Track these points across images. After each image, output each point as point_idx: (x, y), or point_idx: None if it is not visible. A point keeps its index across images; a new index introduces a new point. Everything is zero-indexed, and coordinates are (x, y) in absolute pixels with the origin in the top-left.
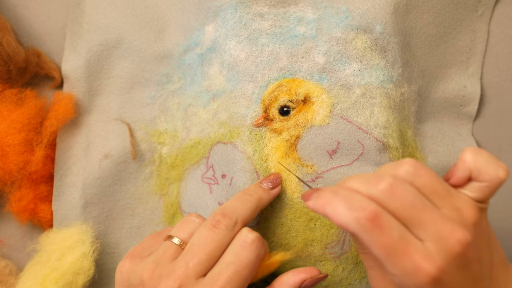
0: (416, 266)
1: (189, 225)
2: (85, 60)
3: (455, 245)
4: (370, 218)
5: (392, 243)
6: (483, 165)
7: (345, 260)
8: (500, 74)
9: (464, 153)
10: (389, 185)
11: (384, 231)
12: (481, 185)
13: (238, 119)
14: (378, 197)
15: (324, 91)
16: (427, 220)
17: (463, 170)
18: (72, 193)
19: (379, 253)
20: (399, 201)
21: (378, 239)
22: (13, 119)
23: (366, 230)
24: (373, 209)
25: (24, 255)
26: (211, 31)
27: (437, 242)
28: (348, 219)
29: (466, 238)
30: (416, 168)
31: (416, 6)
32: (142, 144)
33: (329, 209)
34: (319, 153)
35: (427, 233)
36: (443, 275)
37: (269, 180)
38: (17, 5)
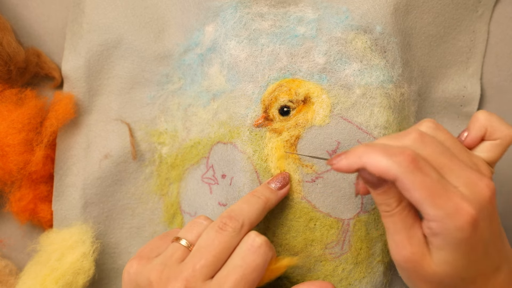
0: (457, 207)
1: (197, 227)
2: (85, 60)
3: (485, 190)
4: (411, 161)
5: (433, 184)
6: (497, 122)
7: (345, 260)
8: (500, 74)
9: (477, 114)
10: (418, 135)
11: (425, 173)
12: (494, 143)
13: (238, 119)
14: (410, 145)
15: (324, 91)
16: (456, 167)
17: (478, 128)
18: (72, 193)
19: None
20: (430, 149)
21: (421, 181)
22: (13, 119)
23: (409, 172)
24: (412, 152)
25: (24, 255)
26: (211, 31)
27: (470, 187)
28: (389, 164)
29: (493, 185)
30: (437, 125)
31: (416, 6)
32: (142, 144)
33: (367, 159)
34: (319, 153)
35: (459, 179)
36: (480, 217)
37: (277, 179)
38: (17, 5)
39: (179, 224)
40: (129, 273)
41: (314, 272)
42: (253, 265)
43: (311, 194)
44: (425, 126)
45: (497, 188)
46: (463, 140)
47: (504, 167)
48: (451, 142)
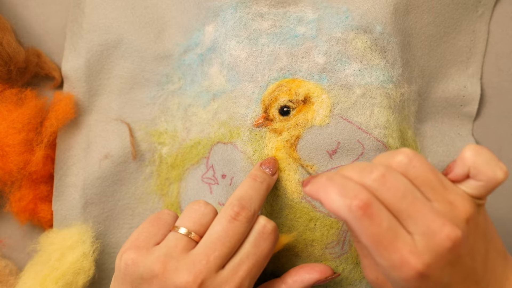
0: (402, 260)
1: (197, 215)
2: (85, 60)
3: (444, 241)
4: (361, 206)
5: (380, 233)
6: (482, 165)
7: (345, 261)
8: (500, 74)
9: (464, 150)
10: (381, 175)
11: (374, 221)
12: (478, 183)
13: (238, 119)
14: (370, 185)
15: (324, 91)
16: (417, 213)
17: (462, 167)
18: (72, 193)
19: (368, 242)
20: (390, 192)
21: (367, 228)
22: (13, 119)
23: (356, 218)
24: (365, 197)
25: (24, 255)
26: (211, 31)
27: (426, 237)
28: (340, 205)
29: (456, 234)
30: (410, 159)
31: (416, 6)
32: (142, 144)
33: (322, 194)
34: (319, 153)
35: (417, 226)
36: (430, 271)
37: (269, 164)
38: (17, 5)
39: None
40: (127, 264)
41: None
42: (265, 251)
43: None
44: (397, 161)
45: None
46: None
47: None
48: (424, 179)
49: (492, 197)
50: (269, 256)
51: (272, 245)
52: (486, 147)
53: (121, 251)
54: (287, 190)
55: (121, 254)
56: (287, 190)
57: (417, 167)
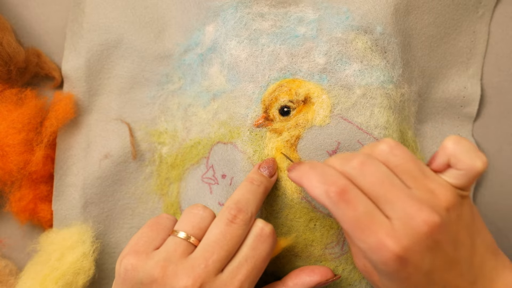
0: (379, 243)
1: (196, 219)
2: (85, 60)
3: (420, 225)
4: (338, 192)
5: (357, 217)
6: (462, 154)
7: (345, 261)
8: (500, 74)
9: (445, 140)
10: (360, 162)
11: (350, 205)
12: (458, 172)
13: (238, 119)
14: (349, 173)
15: (324, 92)
16: (394, 198)
17: (442, 156)
18: (72, 193)
19: (346, 227)
20: (368, 178)
21: (344, 213)
22: (13, 119)
23: (334, 203)
24: (343, 184)
25: (24, 255)
26: (212, 31)
27: (403, 221)
28: (319, 192)
29: (434, 219)
30: (392, 147)
31: (416, 7)
32: (142, 144)
33: (305, 181)
34: (320, 153)
35: (394, 211)
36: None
37: (267, 165)
38: (17, 5)
39: None
40: (127, 269)
41: None
42: (263, 254)
43: None
44: (378, 149)
45: (497, 188)
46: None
47: (504, 167)
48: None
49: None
50: (268, 259)
51: (270, 248)
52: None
53: (121, 256)
54: (287, 190)
55: (121, 259)
56: (287, 190)
57: (398, 156)
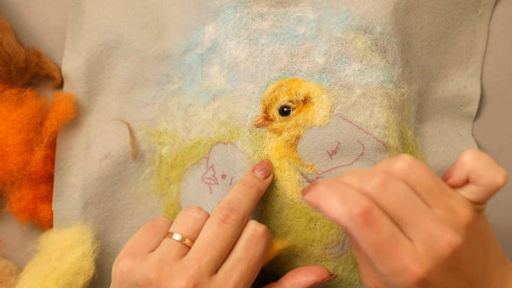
0: (403, 267)
1: (190, 220)
2: (85, 60)
3: (444, 248)
4: (362, 214)
5: (381, 241)
6: (481, 169)
7: (345, 261)
8: (500, 74)
9: (463, 155)
10: (381, 181)
11: (374, 228)
12: (478, 188)
13: (238, 119)
14: (370, 192)
15: (324, 91)
16: (417, 220)
17: (461, 172)
18: (72, 193)
19: (368, 250)
20: (391, 198)
21: (368, 236)
22: (13, 119)
23: (357, 225)
24: (366, 204)
25: (24, 255)
26: (211, 31)
27: (427, 244)
28: (340, 213)
29: (457, 241)
30: (410, 165)
31: (416, 6)
32: (142, 144)
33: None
34: (319, 153)
35: (417, 233)
36: (431, 277)
37: (261, 167)
38: (17, 5)
39: None
40: (123, 272)
41: None
42: (257, 255)
43: None
44: (397, 167)
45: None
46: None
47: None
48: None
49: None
50: (262, 260)
51: (264, 248)
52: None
53: (117, 259)
54: (287, 190)
55: (117, 261)
56: (287, 190)
57: (417, 173)
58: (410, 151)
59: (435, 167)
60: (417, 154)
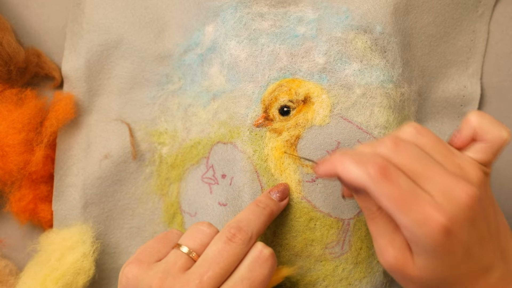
0: (426, 216)
1: (200, 235)
2: (85, 60)
3: (462, 196)
4: (379, 171)
5: (402, 194)
6: (487, 125)
7: (345, 260)
8: (500, 73)
9: (469, 115)
10: (393, 142)
11: (394, 182)
12: (484, 145)
13: (238, 119)
14: (384, 153)
15: (324, 91)
16: (433, 174)
17: (468, 130)
18: (72, 193)
19: (390, 204)
20: (405, 156)
21: (388, 190)
22: (13, 119)
23: (376, 182)
24: (381, 162)
25: (24, 255)
26: (211, 31)
27: (445, 194)
28: (358, 173)
29: (473, 191)
30: (418, 129)
31: (416, 6)
32: (142, 144)
33: (339, 167)
34: (319, 153)
35: (434, 186)
36: (453, 225)
37: (278, 190)
38: (17, 5)
39: (179, 224)
40: (128, 278)
41: (314, 271)
42: (260, 277)
43: (311, 194)
44: (404, 132)
45: (497, 188)
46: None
47: (504, 167)
48: (433, 146)
49: None
50: (265, 283)
51: (268, 271)
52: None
53: (124, 265)
54: None
55: (124, 267)
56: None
57: (425, 136)
58: None
59: None
60: None
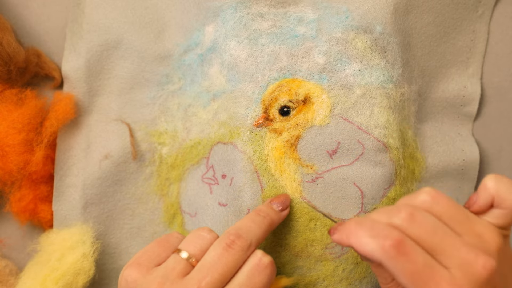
0: None
1: (200, 240)
2: (85, 60)
3: (480, 271)
4: (394, 245)
5: (418, 270)
6: (505, 192)
7: (345, 261)
8: (500, 73)
9: (486, 180)
10: (409, 214)
11: (410, 258)
12: (503, 212)
13: (238, 119)
14: (400, 225)
15: (324, 91)
16: (449, 247)
17: (485, 197)
18: (72, 194)
19: (406, 281)
20: (421, 229)
21: (404, 266)
22: (13, 119)
23: (391, 257)
24: (397, 236)
25: (24, 255)
26: (211, 32)
27: (462, 269)
28: (373, 247)
29: (491, 264)
30: (433, 196)
31: (416, 6)
32: (142, 145)
33: (354, 239)
34: (319, 153)
35: (451, 260)
36: None
37: (279, 201)
38: (17, 5)
39: (179, 225)
40: (127, 281)
41: (314, 272)
42: (259, 285)
43: (311, 194)
44: (420, 200)
45: None
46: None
47: (504, 167)
48: (449, 214)
49: None
50: None
51: (267, 280)
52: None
53: (124, 267)
54: (287, 190)
55: (124, 270)
56: (287, 190)
57: (441, 204)
58: (410, 151)
59: (435, 166)
60: (417, 154)
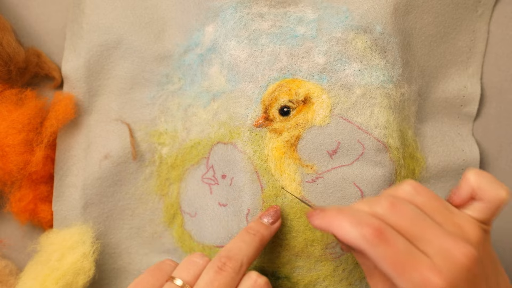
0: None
1: (193, 266)
2: (85, 60)
3: (460, 258)
4: (375, 233)
5: (399, 256)
6: (486, 185)
7: (345, 260)
8: (500, 73)
9: (467, 173)
10: (390, 203)
11: (390, 245)
12: (484, 205)
13: (238, 120)
14: (380, 214)
15: (324, 91)
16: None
17: (466, 189)
18: (72, 194)
19: (387, 267)
20: (401, 217)
21: (385, 253)
22: (13, 120)
23: (372, 244)
24: (378, 224)
25: (24, 255)
26: (211, 32)
27: (443, 256)
28: (354, 235)
29: (471, 251)
30: (415, 187)
31: (416, 6)
32: (142, 145)
33: (335, 226)
34: (319, 153)
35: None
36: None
37: (269, 214)
38: (17, 5)
39: (179, 225)
40: None
41: (314, 272)
42: None
43: (311, 194)
44: (402, 190)
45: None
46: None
47: (504, 167)
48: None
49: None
50: None
51: None
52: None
53: None
54: (287, 191)
55: None
56: (288, 190)
57: (422, 195)
58: (410, 151)
59: (435, 167)
60: (417, 154)
